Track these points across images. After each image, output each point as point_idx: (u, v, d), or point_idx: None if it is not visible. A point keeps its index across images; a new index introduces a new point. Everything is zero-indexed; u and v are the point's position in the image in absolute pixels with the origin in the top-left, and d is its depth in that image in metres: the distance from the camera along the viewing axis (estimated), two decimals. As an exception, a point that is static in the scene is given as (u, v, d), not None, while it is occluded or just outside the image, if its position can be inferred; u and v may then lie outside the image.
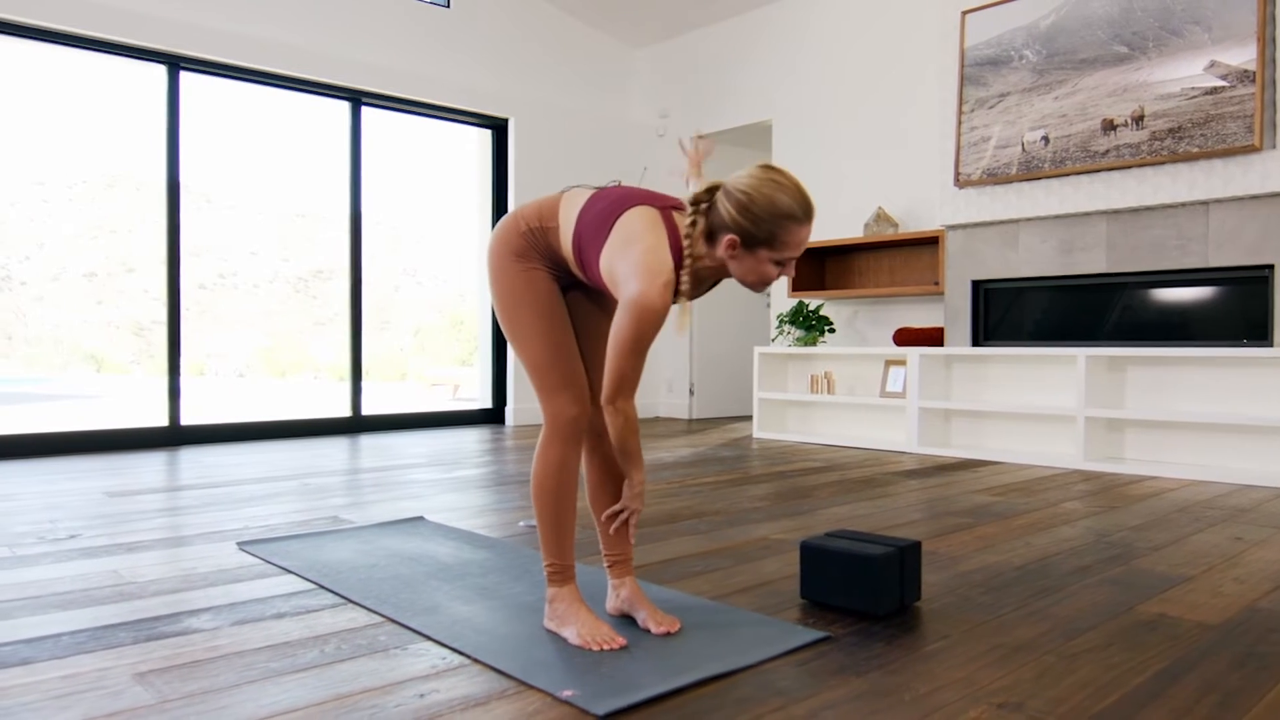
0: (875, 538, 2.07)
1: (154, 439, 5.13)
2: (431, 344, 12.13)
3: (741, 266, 1.68)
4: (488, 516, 3.09)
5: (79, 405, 9.73)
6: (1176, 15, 4.12)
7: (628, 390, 1.66)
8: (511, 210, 1.86)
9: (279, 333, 10.93)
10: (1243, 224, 4.06)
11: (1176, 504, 3.38)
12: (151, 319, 10.52)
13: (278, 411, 5.81)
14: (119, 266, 9.48)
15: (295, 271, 10.41)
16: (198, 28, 5.12)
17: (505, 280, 1.81)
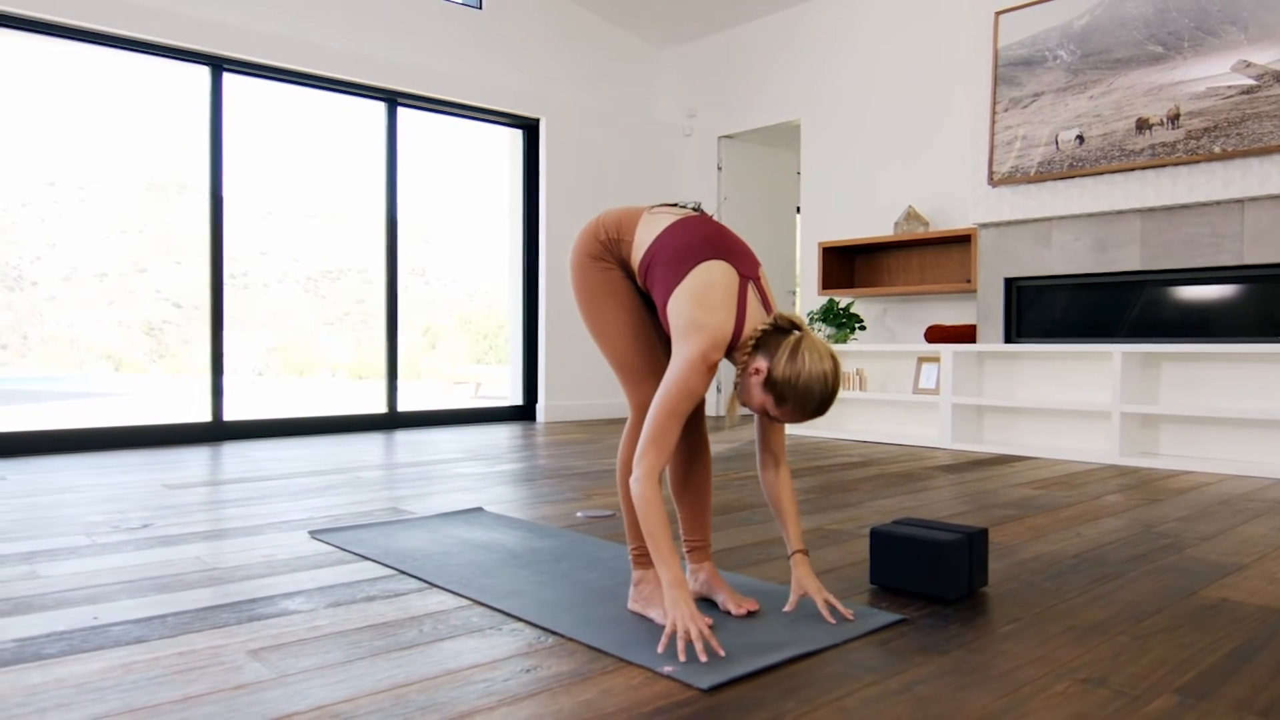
0: (942, 525, 2.14)
1: (197, 434, 5.22)
2: (441, 342, 12.25)
3: (749, 392, 1.73)
4: (543, 508, 3.17)
5: (100, 403, 9.85)
6: (1212, 15, 4.17)
7: (656, 450, 1.66)
8: (596, 216, 1.93)
9: (288, 331, 11.02)
10: (1277, 222, 4.11)
11: (1217, 497, 3.43)
12: (162, 318, 10.63)
13: (305, 408, 5.90)
14: (130, 267, 9.61)
15: (305, 271, 10.52)
16: (240, 29, 5.21)
17: (585, 279, 1.89)
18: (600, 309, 1.89)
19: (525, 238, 6.76)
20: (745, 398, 1.75)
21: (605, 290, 1.88)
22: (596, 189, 6.95)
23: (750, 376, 1.72)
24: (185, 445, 5.04)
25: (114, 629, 1.80)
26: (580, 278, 1.90)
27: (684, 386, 1.67)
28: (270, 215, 9.51)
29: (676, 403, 1.68)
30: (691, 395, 1.68)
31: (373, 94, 5.90)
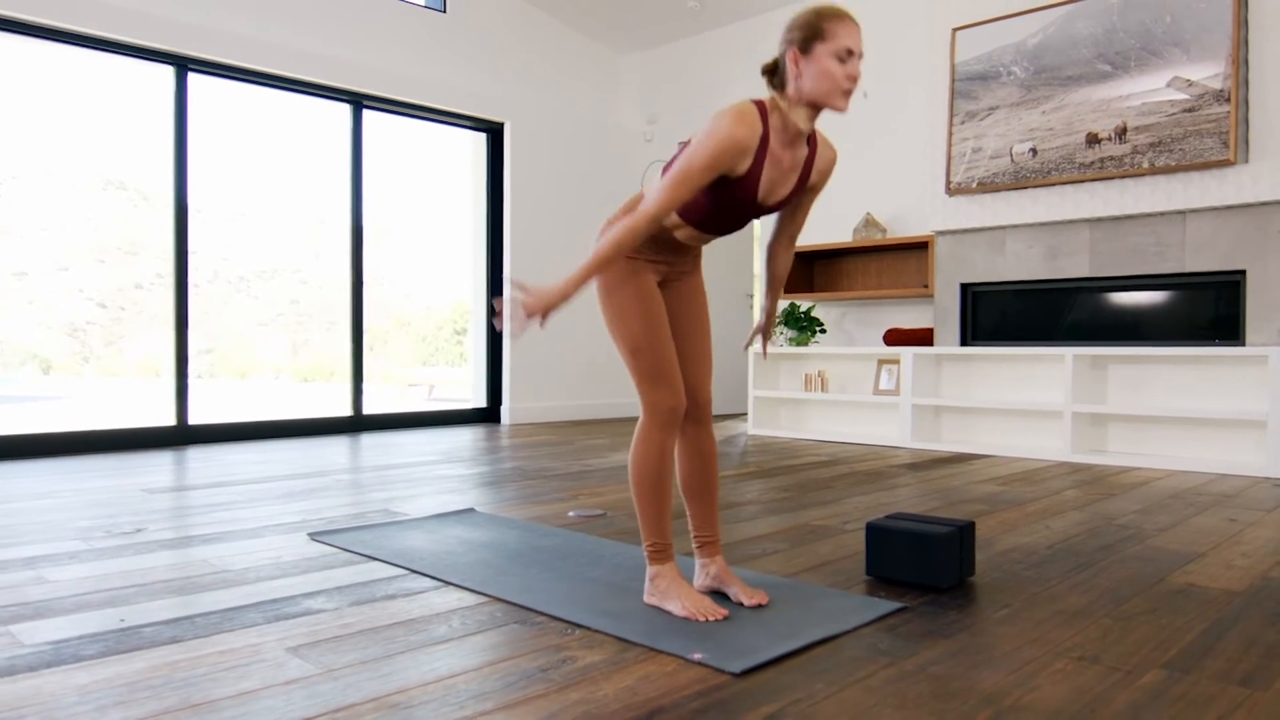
0: (931, 519, 2.27)
1: (161, 438, 5.16)
2: (378, 344, 12.19)
3: (811, 80, 1.77)
4: (533, 509, 3.23)
5: (35, 407, 9.56)
6: (1156, 37, 4.42)
7: (653, 211, 1.74)
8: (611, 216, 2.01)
9: (221, 333, 10.82)
10: (1217, 232, 4.37)
11: (1167, 491, 3.65)
12: (86, 319, 10.35)
13: (261, 412, 5.86)
14: (51, 265, 9.36)
15: (236, 271, 10.35)
16: (205, 29, 5.16)
17: (608, 278, 1.97)
18: (621, 309, 1.96)
19: (489, 240, 6.80)
20: (821, 85, 1.77)
21: (628, 290, 1.95)
22: (560, 191, 7.01)
23: (795, 73, 1.79)
24: (149, 449, 4.97)
25: (145, 630, 1.83)
26: (603, 276, 1.98)
27: (711, 133, 1.74)
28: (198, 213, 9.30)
29: (694, 160, 1.73)
30: (725, 140, 1.73)
31: (338, 96, 5.89)
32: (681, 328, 2.07)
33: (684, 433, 2.08)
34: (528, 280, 1.80)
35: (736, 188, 1.84)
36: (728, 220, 1.94)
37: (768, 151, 1.83)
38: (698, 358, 2.07)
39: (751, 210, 1.91)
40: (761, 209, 1.93)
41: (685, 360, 2.06)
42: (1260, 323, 4.26)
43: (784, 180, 1.89)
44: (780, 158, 1.86)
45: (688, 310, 2.07)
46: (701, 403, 2.07)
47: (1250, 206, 4.27)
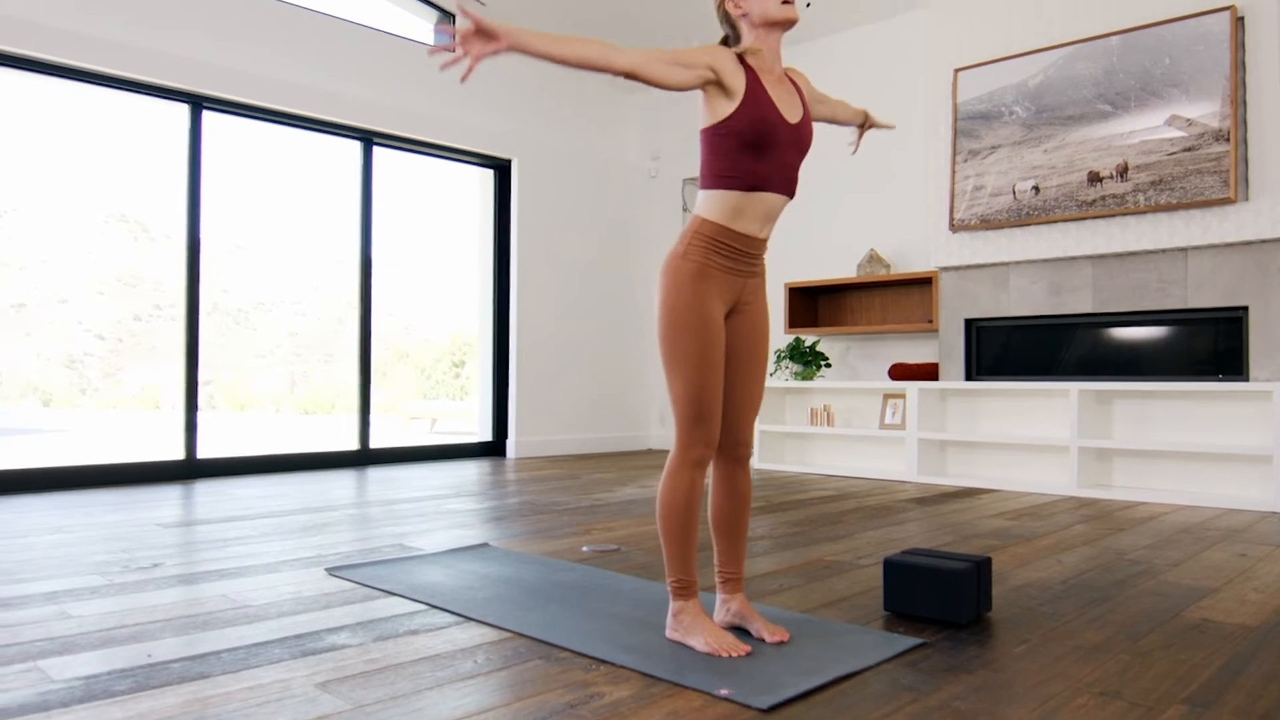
0: (948, 554, 2.29)
1: (168, 472, 5.17)
2: (380, 377, 12.24)
3: (755, 6, 1.95)
4: (547, 543, 3.25)
5: (35, 440, 9.55)
6: (1155, 78, 4.51)
7: (623, 61, 1.82)
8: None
9: (220, 365, 10.83)
10: (1218, 269, 4.43)
11: (1176, 526, 3.67)
12: (84, 351, 10.36)
13: (265, 445, 5.88)
14: (50, 296, 9.39)
15: (235, 303, 10.38)
16: (221, 69, 5.25)
17: (676, 301, 1.94)
18: (682, 341, 1.93)
19: (496, 274, 6.86)
20: (768, 11, 1.95)
21: (695, 324, 1.92)
22: (566, 227, 7.09)
23: (739, 13, 1.98)
24: (157, 483, 4.98)
25: (173, 666, 1.85)
26: (671, 299, 1.96)
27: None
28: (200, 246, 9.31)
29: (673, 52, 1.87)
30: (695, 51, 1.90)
31: (349, 133, 5.97)
32: (738, 368, 2.04)
33: (721, 470, 2.11)
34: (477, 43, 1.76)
35: (756, 107, 1.92)
36: (776, 157, 1.95)
37: (761, 82, 1.96)
38: (748, 400, 2.06)
39: (785, 131, 1.96)
40: (791, 128, 1.98)
41: (734, 400, 2.05)
42: (1264, 359, 4.30)
43: (791, 102, 2.02)
44: (776, 88, 2.00)
45: (748, 349, 2.05)
46: (743, 442, 2.09)
47: (1251, 244, 4.34)
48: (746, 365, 2.06)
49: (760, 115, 1.93)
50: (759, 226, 2.00)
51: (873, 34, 6.19)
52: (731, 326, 2.03)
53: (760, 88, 1.95)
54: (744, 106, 1.92)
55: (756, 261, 2.03)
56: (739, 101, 1.92)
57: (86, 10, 4.83)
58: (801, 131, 2.03)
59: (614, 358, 7.43)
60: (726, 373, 2.03)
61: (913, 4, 5.92)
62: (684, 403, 1.95)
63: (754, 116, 1.92)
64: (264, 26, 5.52)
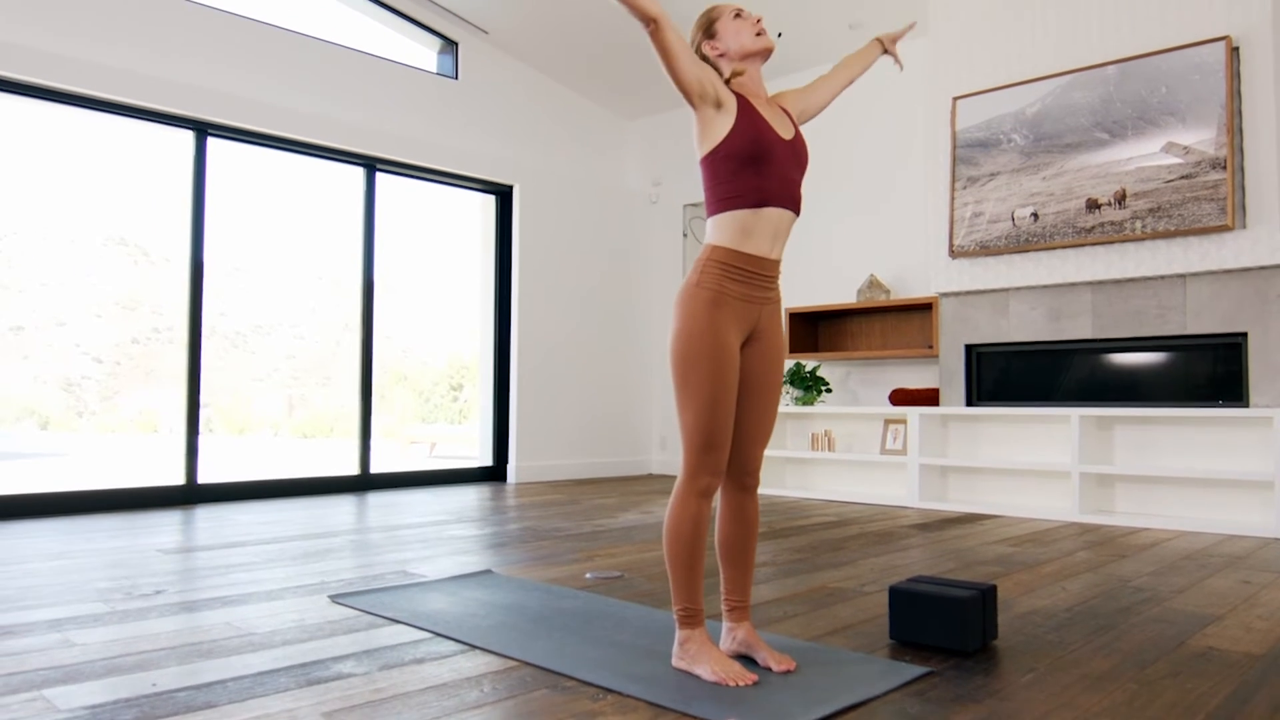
0: (952, 582, 2.29)
1: (169, 497, 5.15)
2: (378, 400, 12.23)
3: (730, 43, 2.05)
4: (550, 570, 3.24)
5: (33, 464, 9.50)
6: (1152, 107, 4.56)
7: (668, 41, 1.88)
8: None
9: (217, 388, 10.80)
10: (1217, 295, 4.46)
11: (1178, 552, 3.67)
12: (81, 374, 10.34)
13: (265, 469, 5.87)
14: (48, 319, 9.38)
15: (233, 326, 10.37)
16: (227, 96, 5.30)
17: (691, 328, 1.95)
18: (695, 368, 1.93)
19: (497, 299, 6.88)
20: (741, 45, 2.05)
21: (709, 352, 1.93)
22: (567, 252, 7.12)
23: (717, 54, 2.07)
24: (157, 508, 4.97)
25: (179, 695, 1.84)
26: (688, 326, 1.96)
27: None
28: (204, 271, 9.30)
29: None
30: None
31: (353, 159, 6.02)
32: (751, 397, 2.04)
33: (729, 498, 2.11)
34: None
35: (750, 125, 1.98)
36: (776, 171, 1.98)
37: (751, 104, 2.03)
38: (759, 429, 2.06)
39: (780, 146, 2.01)
40: (785, 143, 2.03)
41: (745, 429, 2.05)
42: (1264, 384, 4.32)
43: (780, 120, 2.08)
44: (765, 109, 2.06)
45: (762, 378, 2.05)
46: (751, 470, 2.09)
47: (1249, 270, 4.37)
48: (759, 395, 2.06)
49: (755, 132, 1.98)
50: (769, 245, 2.01)
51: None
52: (746, 355, 2.03)
53: (751, 107, 2.02)
54: (738, 125, 1.98)
55: (771, 286, 2.04)
56: (733, 121, 1.98)
57: (93, 38, 4.88)
58: (797, 147, 2.07)
59: (614, 382, 7.43)
60: (739, 401, 2.04)
61: (912, 33, 5.98)
62: (694, 431, 1.95)
63: (749, 134, 1.97)
64: (269, 54, 5.58)
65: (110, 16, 4.94)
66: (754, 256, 1.99)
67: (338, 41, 5.95)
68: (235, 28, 5.44)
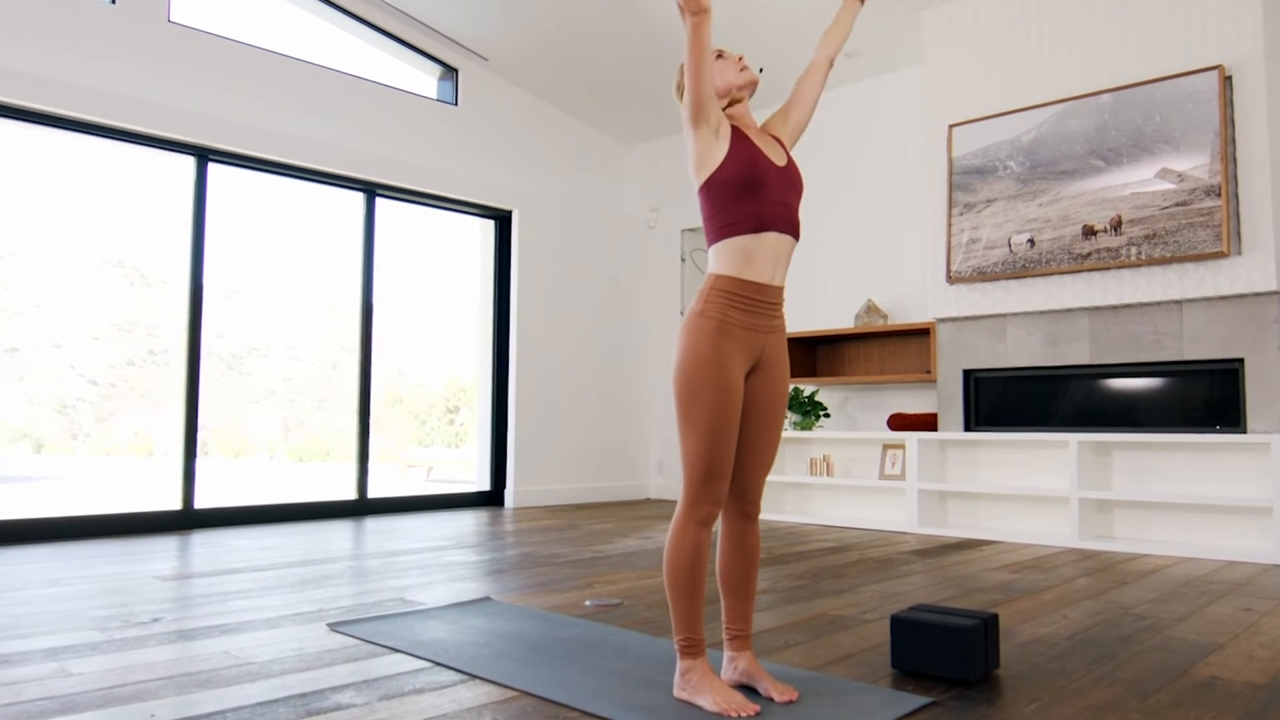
0: (954, 610, 2.29)
1: (166, 522, 5.13)
2: (375, 422, 12.19)
3: (716, 81, 2.09)
4: (549, 597, 3.23)
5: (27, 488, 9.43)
6: (1147, 135, 4.60)
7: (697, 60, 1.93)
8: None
9: (212, 410, 10.74)
10: (1213, 322, 4.48)
11: (1178, 580, 3.67)
12: (76, 396, 10.29)
13: (262, 494, 5.86)
14: (44, 341, 9.36)
15: (230, 348, 10.36)
16: (228, 122, 5.33)
17: (694, 358, 1.95)
18: (698, 396, 1.93)
19: (496, 323, 6.89)
20: (727, 82, 2.10)
21: (713, 381, 1.93)
22: (565, 276, 7.15)
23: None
24: (154, 533, 4.95)
25: (177, 726, 1.83)
26: (692, 353, 1.97)
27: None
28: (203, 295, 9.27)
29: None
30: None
31: (353, 185, 6.05)
32: (754, 426, 2.04)
33: (730, 526, 2.10)
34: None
35: (744, 151, 2.02)
36: (772, 196, 2.01)
37: (744, 133, 2.07)
38: (761, 458, 2.07)
39: (774, 172, 2.04)
40: (779, 170, 2.06)
41: (747, 458, 2.05)
42: (1261, 410, 4.33)
43: (772, 148, 2.11)
44: (758, 138, 2.10)
45: (766, 407, 2.05)
46: (753, 498, 2.10)
47: (1245, 297, 4.39)
48: (762, 423, 2.06)
49: (749, 158, 2.01)
50: (771, 272, 2.02)
51: (869, 89, 6.32)
52: (751, 384, 2.03)
53: (744, 135, 2.06)
54: (733, 151, 2.01)
55: (775, 314, 2.05)
56: (727, 148, 2.02)
57: (96, 64, 4.91)
58: (791, 173, 2.11)
59: (612, 407, 7.43)
60: (742, 430, 2.04)
61: (908, 61, 6.04)
62: (695, 460, 1.96)
63: (743, 160, 2.01)
64: (270, 80, 5.62)
65: (113, 43, 4.98)
66: (757, 284, 2.00)
67: (339, 68, 6.00)
68: (237, 54, 5.48)
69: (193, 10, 5.36)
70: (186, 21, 5.30)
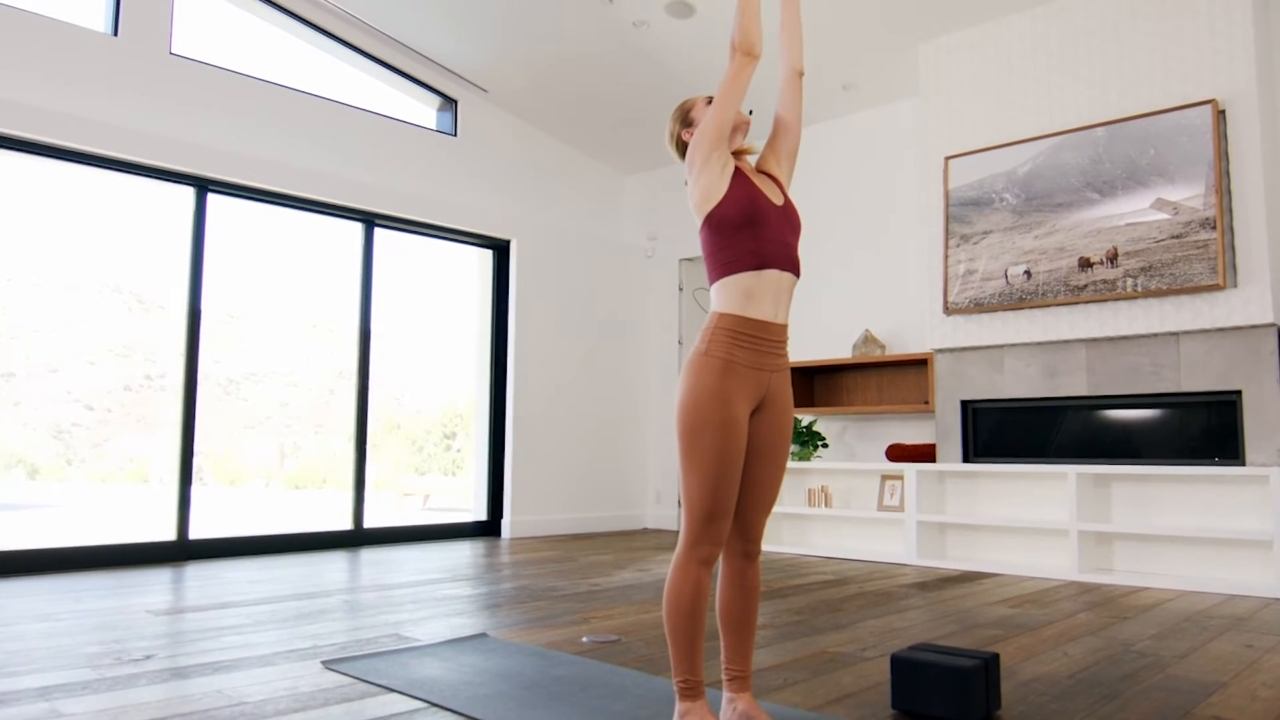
0: (954, 650, 2.27)
1: (159, 554, 5.09)
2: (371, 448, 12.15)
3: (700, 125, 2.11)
4: (546, 633, 3.20)
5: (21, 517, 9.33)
6: (1142, 168, 4.63)
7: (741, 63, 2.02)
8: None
9: (208, 436, 10.67)
10: (1210, 353, 4.49)
11: (1179, 614, 3.64)
12: (72, 421, 10.23)
13: (258, 523, 5.83)
14: (40, 366, 9.33)
15: (226, 373, 10.32)
16: (227, 153, 5.36)
17: (698, 395, 1.94)
18: (700, 436, 1.92)
19: (493, 351, 6.89)
20: (716, 127, 2.05)
21: (717, 421, 1.92)
22: (563, 305, 7.16)
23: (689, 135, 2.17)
24: (148, 565, 4.91)
25: (168, 771, 1.80)
26: (695, 392, 1.96)
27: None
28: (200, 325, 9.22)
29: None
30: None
31: (351, 215, 6.07)
32: (757, 466, 2.03)
33: (730, 565, 2.09)
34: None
35: (744, 189, 2.04)
36: (771, 234, 2.02)
37: (744, 174, 2.09)
38: (763, 498, 2.05)
39: (773, 210, 2.05)
40: (778, 209, 2.07)
41: (749, 498, 2.04)
42: (1259, 442, 4.33)
43: (769, 187, 2.13)
44: (755, 178, 2.13)
45: (769, 447, 2.03)
46: (754, 537, 2.08)
47: (1241, 329, 4.40)
48: (765, 464, 2.04)
49: (748, 196, 2.03)
50: (773, 309, 2.01)
51: (867, 120, 6.37)
52: (755, 423, 2.02)
53: (743, 175, 2.08)
54: (732, 189, 2.03)
55: (780, 352, 2.04)
56: (728, 184, 2.04)
57: (95, 96, 4.94)
58: (789, 212, 2.12)
59: (610, 436, 7.42)
60: (745, 469, 2.02)
61: (904, 93, 6.10)
62: (697, 501, 1.94)
63: (742, 198, 2.02)
64: (269, 111, 5.65)
65: (114, 74, 5.01)
66: (760, 321, 2.00)
67: (338, 99, 6.04)
68: (238, 85, 5.52)
69: (194, 42, 5.40)
70: (188, 54, 5.34)
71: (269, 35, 5.88)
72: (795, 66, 2.22)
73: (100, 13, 5.08)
